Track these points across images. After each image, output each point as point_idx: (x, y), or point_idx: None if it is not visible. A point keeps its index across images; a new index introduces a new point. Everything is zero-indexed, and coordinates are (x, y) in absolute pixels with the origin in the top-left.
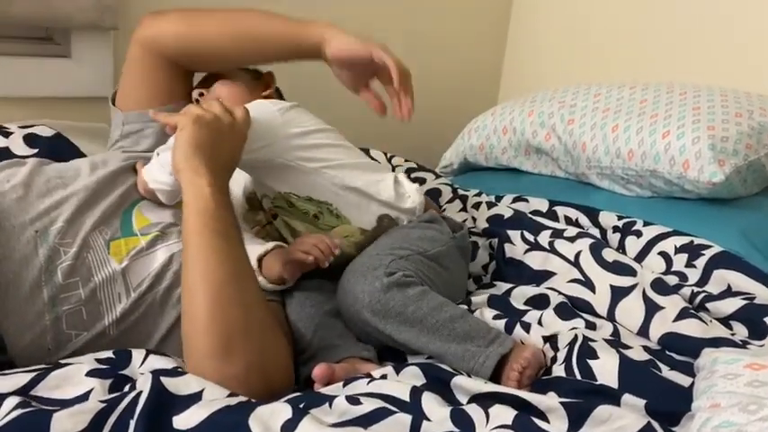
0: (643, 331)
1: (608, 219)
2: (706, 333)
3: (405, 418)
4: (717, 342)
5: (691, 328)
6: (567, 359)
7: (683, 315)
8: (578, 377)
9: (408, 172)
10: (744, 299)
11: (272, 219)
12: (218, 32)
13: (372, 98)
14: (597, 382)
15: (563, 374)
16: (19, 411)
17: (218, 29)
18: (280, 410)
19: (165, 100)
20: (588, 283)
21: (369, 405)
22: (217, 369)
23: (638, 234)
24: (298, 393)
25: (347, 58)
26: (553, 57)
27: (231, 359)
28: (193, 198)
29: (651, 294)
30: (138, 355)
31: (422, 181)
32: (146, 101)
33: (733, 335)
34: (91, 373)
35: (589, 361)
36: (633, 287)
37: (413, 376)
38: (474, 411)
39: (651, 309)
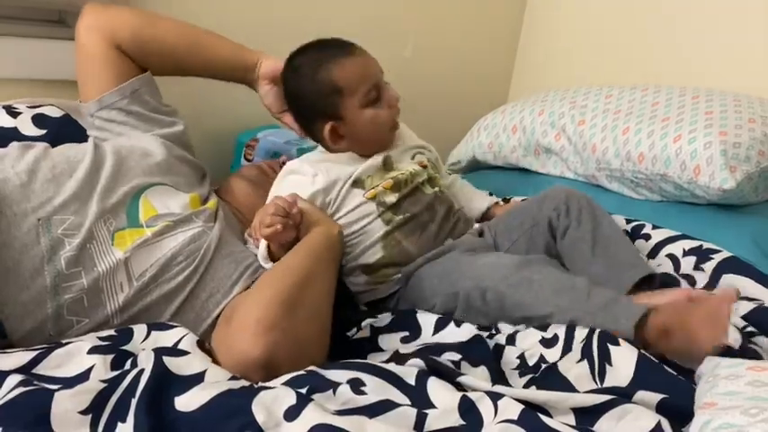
0: None
1: (616, 221)
2: None
3: (410, 411)
4: None
5: None
6: (589, 336)
7: None
8: (596, 358)
9: None
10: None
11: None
12: (173, 35)
13: (293, 122)
14: (608, 387)
15: (579, 355)
16: (21, 390)
17: (174, 32)
18: (283, 396)
19: (122, 80)
20: None
21: (373, 396)
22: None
23: (647, 237)
24: (301, 373)
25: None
26: (564, 57)
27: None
28: (326, 237)
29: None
30: (140, 330)
31: None
32: (106, 84)
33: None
34: (93, 350)
35: (609, 345)
36: None
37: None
38: (483, 404)
39: None
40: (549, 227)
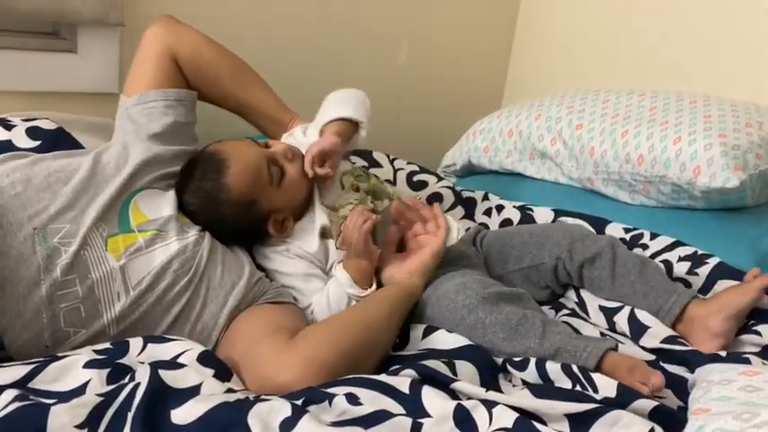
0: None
1: (615, 231)
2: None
3: (405, 421)
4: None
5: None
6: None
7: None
8: (577, 372)
9: (411, 175)
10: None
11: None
12: (227, 64)
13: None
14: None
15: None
16: (16, 405)
17: (229, 63)
18: (279, 408)
19: (170, 84)
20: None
21: (369, 407)
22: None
23: (645, 247)
24: None
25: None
26: (557, 62)
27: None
28: (408, 287)
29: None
30: (135, 343)
31: (424, 184)
32: (153, 82)
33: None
34: (88, 365)
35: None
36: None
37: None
38: (478, 412)
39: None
40: (554, 274)
